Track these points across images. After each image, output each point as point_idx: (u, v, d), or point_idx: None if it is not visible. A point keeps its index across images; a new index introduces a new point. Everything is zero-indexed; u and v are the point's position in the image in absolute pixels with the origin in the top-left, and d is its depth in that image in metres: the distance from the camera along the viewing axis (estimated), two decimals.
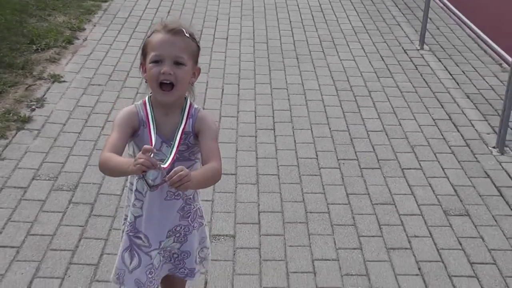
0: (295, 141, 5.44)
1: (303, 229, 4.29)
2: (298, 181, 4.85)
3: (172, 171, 2.35)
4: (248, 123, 5.69)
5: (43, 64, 6.60)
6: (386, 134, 5.64)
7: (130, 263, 2.76)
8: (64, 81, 6.27)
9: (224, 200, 4.54)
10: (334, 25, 8.46)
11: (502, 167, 5.18)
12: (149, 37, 2.64)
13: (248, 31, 8.10)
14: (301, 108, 6.06)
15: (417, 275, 3.92)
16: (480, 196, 4.77)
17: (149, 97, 2.69)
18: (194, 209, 2.81)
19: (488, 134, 5.72)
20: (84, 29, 7.73)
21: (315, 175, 4.94)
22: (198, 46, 2.67)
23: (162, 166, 2.40)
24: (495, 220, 4.49)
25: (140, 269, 2.75)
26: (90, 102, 5.89)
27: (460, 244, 4.22)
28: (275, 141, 5.41)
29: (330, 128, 5.69)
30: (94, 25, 7.92)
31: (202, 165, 2.62)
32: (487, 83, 6.83)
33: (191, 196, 2.78)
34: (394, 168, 5.10)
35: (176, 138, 2.60)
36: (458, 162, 5.24)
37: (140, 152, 2.34)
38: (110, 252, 3.89)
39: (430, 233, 4.31)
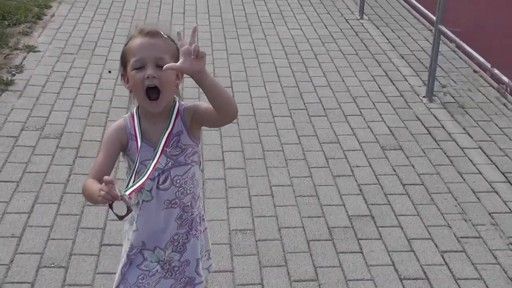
0: (251, 96, 6.15)
1: (261, 163, 5.01)
2: (255, 127, 5.56)
3: (193, 45, 2.28)
4: None
5: (16, 36, 7.18)
6: (331, 89, 6.39)
7: (125, 270, 2.69)
8: (38, 51, 6.86)
9: None
10: None
11: (431, 112, 5.99)
12: (126, 45, 2.55)
13: (203, 6, 8.76)
14: (255, 70, 6.77)
15: (358, 194, 4.67)
16: (411, 134, 5.56)
17: (137, 108, 2.60)
18: (192, 216, 2.68)
19: (420, 86, 6.52)
20: (51, 7, 8.31)
21: (270, 122, 5.67)
22: (177, 47, 2.48)
23: (124, 194, 2.34)
24: (424, 152, 5.28)
25: (131, 270, 2.66)
26: (64, 67, 6.50)
27: (394, 171, 4.99)
28: (233, 94, 6.12)
29: (281, 85, 6.42)
30: (60, 3, 8.49)
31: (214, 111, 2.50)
32: (419, 45, 7.64)
33: (189, 204, 2.65)
34: (338, 115, 5.85)
35: (160, 142, 2.52)
36: (394, 109, 6.03)
37: (103, 184, 2.26)
38: None
39: (369, 164, 5.08)
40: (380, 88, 6.45)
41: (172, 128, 2.53)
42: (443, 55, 7.30)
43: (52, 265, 3.77)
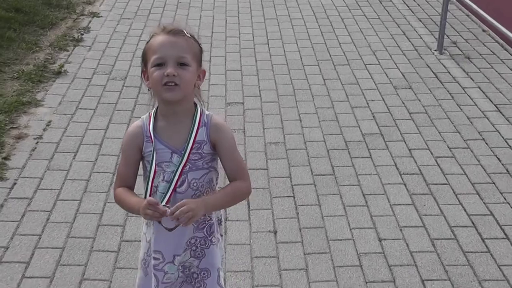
0: (284, 50, 7.16)
1: (291, 98, 6.00)
2: (287, 73, 6.57)
3: (174, 206, 2.34)
4: (247, 40, 7.40)
5: (82, 5, 8.29)
6: (354, 45, 7.36)
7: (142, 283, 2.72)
8: (101, 16, 7.96)
9: None
10: None
11: (439, 61, 6.93)
12: (148, 42, 2.50)
13: None
14: (288, 31, 7.76)
15: (371, 119, 5.64)
16: (421, 78, 6.51)
17: (156, 109, 2.56)
18: (211, 221, 2.62)
19: (432, 43, 7.44)
20: None
21: (300, 69, 6.66)
22: (201, 47, 2.53)
23: (167, 206, 2.39)
24: (430, 91, 6.23)
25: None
26: (124, 29, 7.58)
27: (403, 103, 5.95)
28: (269, 50, 7.13)
29: (311, 42, 7.41)
30: None
31: (228, 180, 2.57)
32: (436, 11, 8.55)
33: None
34: (359, 64, 6.83)
35: (185, 152, 2.49)
36: (407, 59, 6.98)
37: (146, 203, 2.34)
38: None
39: (383, 98, 6.04)
40: (397, 44, 7.40)
41: (195, 136, 2.50)
42: (457, 18, 8.22)
43: None
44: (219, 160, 2.59)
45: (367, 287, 3.67)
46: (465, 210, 4.39)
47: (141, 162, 2.59)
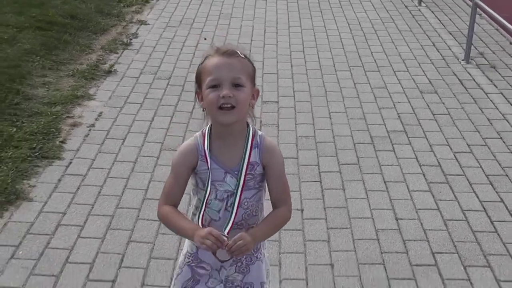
0: (318, 57, 7.62)
1: (323, 99, 6.45)
2: (320, 77, 7.02)
3: (232, 240, 2.35)
4: (284, 48, 7.89)
5: (131, 14, 8.88)
6: (385, 54, 7.79)
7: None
8: (148, 24, 8.54)
9: None
10: None
11: (466, 70, 7.32)
12: (201, 64, 2.50)
13: None
14: (323, 40, 8.23)
15: (396, 119, 6.06)
16: (446, 84, 6.91)
17: (210, 127, 2.56)
18: None
19: (460, 53, 7.83)
20: None
21: (332, 74, 7.11)
22: (254, 67, 2.54)
23: (226, 239, 2.37)
24: (454, 95, 6.62)
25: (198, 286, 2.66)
26: (169, 36, 8.13)
27: (428, 106, 6.34)
28: (304, 57, 7.60)
29: (344, 50, 7.87)
30: None
31: (271, 199, 2.59)
32: (465, 23, 8.92)
33: (254, 225, 2.59)
34: (388, 71, 7.25)
35: (240, 177, 2.50)
36: (435, 67, 7.38)
37: (208, 232, 2.33)
38: None
39: (409, 101, 6.44)
40: (426, 54, 7.81)
41: (249, 157, 2.52)
42: (486, 31, 8.62)
43: None
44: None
45: (382, 256, 4.08)
46: (477, 197, 4.77)
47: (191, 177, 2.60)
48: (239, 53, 2.49)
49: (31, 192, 4.55)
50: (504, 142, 5.63)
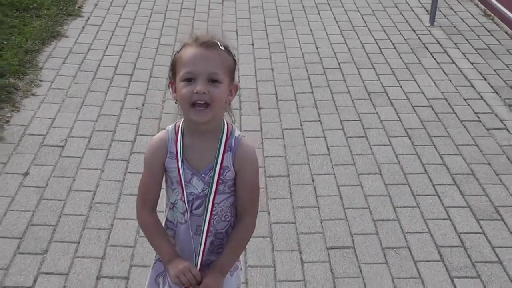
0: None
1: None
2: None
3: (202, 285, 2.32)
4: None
5: None
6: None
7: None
8: None
9: None
10: None
11: (430, 32, 7.30)
12: (178, 52, 2.33)
13: None
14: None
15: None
16: (411, 48, 6.86)
17: (183, 122, 2.40)
18: None
19: (425, 15, 7.78)
20: None
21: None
22: (234, 60, 2.36)
23: (198, 276, 2.33)
24: (416, 56, 6.60)
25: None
26: None
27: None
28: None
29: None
30: None
31: (236, 206, 2.44)
32: None
33: (223, 231, 2.45)
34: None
35: (212, 184, 2.35)
36: (399, 31, 7.33)
37: (186, 267, 2.30)
38: None
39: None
40: (391, 19, 7.75)
41: (222, 163, 2.35)
42: None
43: None
44: None
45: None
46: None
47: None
48: (219, 44, 2.29)
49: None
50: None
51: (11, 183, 4.29)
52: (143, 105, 5.42)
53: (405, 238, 3.99)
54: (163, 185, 2.46)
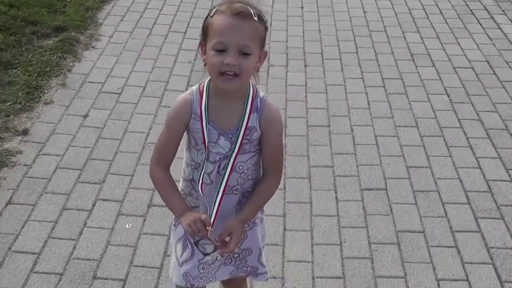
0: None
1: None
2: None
3: (219, 235, 2.36)
4: None
5: None
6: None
7: (181, 254, 2.56)
8: None
9: None
10: None
11: None
12: (211, 16, 2.26)
13: None
14: None
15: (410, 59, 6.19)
16: (457, 14, 7.02)
17: (208, 83, 2.38)
18: None
19: None
20: None
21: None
22: (266, 28, 2.32)
23: (210, 230, 2.32)
24: (462, 22, 6.76)
25: (191, 262, 2.55)
26: None
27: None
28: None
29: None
30: None
31: (262, 165, 2.48)
32: None
33: (250, 189, 2.49)
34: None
35: (236, 143, 2.36)
36: None
37: (197, 217, 2.31)
38: None
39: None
40: None
41: (247, 123, 2.36)
42: None
43: None
44: None
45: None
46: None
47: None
48: (252, 14, 2.23)
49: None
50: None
51: (73, 123, 4.70)
52: (195, 59, 5.74)
53: (435, 183, 4.24)
54: (186, 145, 2.47)
